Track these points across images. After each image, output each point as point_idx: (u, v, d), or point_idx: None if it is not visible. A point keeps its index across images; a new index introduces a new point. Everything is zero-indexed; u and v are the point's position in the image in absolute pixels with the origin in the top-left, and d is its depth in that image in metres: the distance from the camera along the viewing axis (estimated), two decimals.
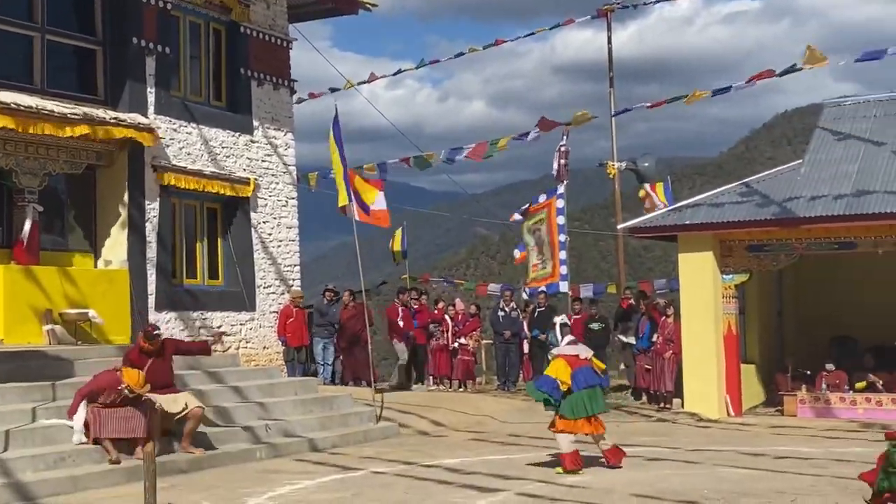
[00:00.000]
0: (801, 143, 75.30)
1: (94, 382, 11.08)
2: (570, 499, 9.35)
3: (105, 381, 11.01)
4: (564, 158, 20.71)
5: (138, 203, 15.48)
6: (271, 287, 17.92)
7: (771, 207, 16.42)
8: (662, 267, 60.69)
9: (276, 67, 18.33)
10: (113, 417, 10.80)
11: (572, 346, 11.37)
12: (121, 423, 10.81)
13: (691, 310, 16.91)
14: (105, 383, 10.98)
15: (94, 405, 10.85)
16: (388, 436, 14.42)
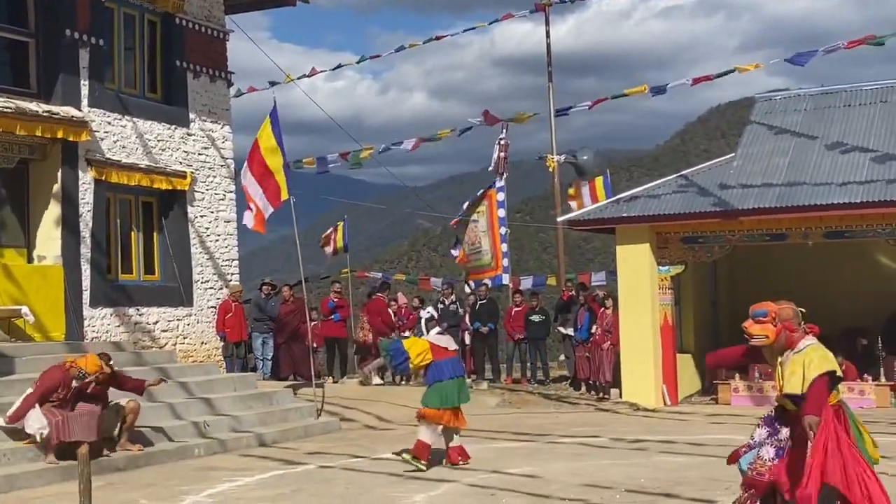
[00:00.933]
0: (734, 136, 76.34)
1: (41, 384, 10.85)
2: (512, 488, 9.43)
3: (53, 380, 10.81)
4: (504, 151, 20.86)
5: (72, 197, 15.23)
6: (209, 282, 17.77)
7: (705, 200, 16.68)
8: (602, 258, 61.24)
9: (212, 59, 18.14)
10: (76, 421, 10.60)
11: (441, 336, 11.38)
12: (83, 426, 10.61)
13: (629, 301, 17.13)
14: (53, 381, 10.78)
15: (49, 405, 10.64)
16: (329, 430, 14.40)
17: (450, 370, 10.86)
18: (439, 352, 10.91)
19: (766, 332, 6.62)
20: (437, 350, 10.91)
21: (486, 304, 20.34)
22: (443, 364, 10.85)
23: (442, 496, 9.33)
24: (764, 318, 6.65)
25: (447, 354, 10.98)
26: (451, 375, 10.83)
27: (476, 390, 18.73)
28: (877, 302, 18.09)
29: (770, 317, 6.64)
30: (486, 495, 9.27)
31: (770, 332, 6.60)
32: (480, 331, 19.97)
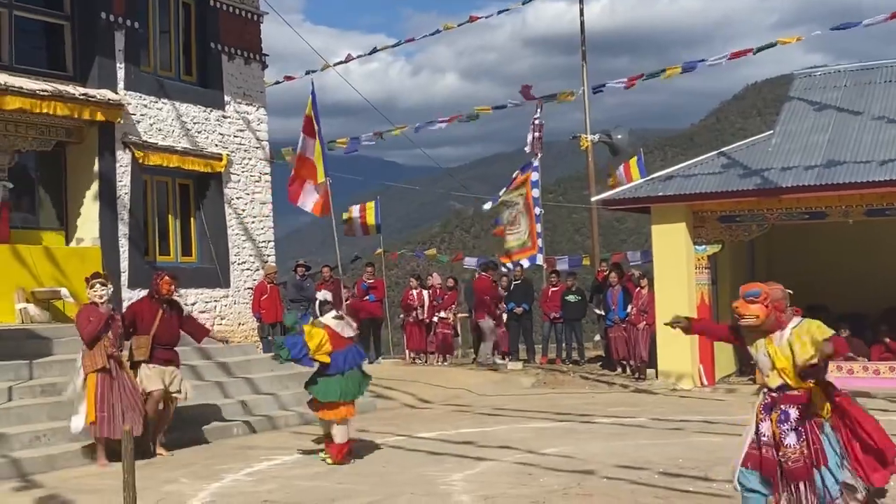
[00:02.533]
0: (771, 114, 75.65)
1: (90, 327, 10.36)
2: (551, 467, 9.43)
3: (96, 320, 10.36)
4: (538, 132, 20.75)
5: (109, 180, 15.36)
6: (245, 263, 17.87)
7: (743, 178, 16.49)
8: (636, 238, 60.96)
9: (247, 41, 18.19)
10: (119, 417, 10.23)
11: (338, 321, 10.30)
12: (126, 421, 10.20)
13: (664, 281, 17.00)
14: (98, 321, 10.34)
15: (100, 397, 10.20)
16: (364, 410, 14.40)
17: (348, 360, 10.10)
18: (337, 340, 10.09)
19: (758, 312, 6.56)
20: (336, 338, 10.08)
21: (521, 285, 20.32)
22: (340, 354, 10.06)
23: (479, 475, 9.33)
24: (756, 298, 6.59)
25: (345, 343, 10.18)
26: (350, 366, 10.11)
27: (511, 370, 18.78)
28: None
29: (762, 297, 6.57)
30: (523, 475, 9.27)
31: (761, 313, 6.55)
32: (515, 311, 19.97)
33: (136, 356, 10.90)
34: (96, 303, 10.44)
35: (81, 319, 10.44)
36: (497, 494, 8.41)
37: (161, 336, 11.01)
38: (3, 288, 13.87)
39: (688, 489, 8.37)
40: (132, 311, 11.18)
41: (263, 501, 8.43)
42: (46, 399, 11.15)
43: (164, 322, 11.04)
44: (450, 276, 22.91)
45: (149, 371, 10.89)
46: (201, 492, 8.87)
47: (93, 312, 10.38)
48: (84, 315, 10.44)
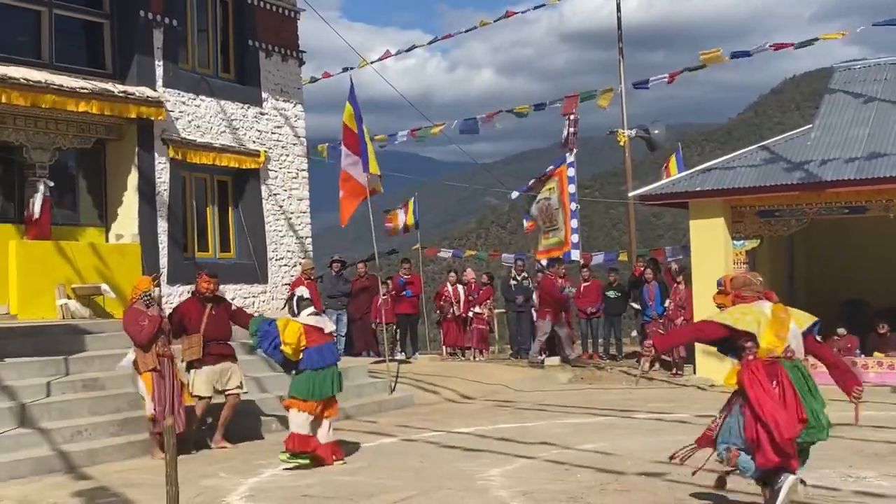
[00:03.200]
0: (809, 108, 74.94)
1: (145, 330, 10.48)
2: (588, 463, 9.40)
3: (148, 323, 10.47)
4: (574, 126, 20.64)
5: (148, 177, 15.49)
6: (283, 259, 17.96)
7: (782, 172, 16.35)
8: (673, 234, 60.64)
9: (284, 38, 18.27)
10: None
11: (315, 317, 10.13)
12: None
13: (702, 276, 16.85)
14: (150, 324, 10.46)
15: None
16: (402, 406, 14.48)
17: (322, 357, 9.85)
18: (313, 336, 9.86)
19: (724, 301, 7.11)
20: (311, 334, 9.86)
21: None
22: (314, 350, 9.81)
23: (517, 471, 9.33)
24: (721, 287, 7.21)
25: (321, 339, 9.94)
26: (324, 364, 9.84)
27: (548, 366, 18.75)
28: None
29: (725, 287, 7.15)
30: (560, 470, 9.25)
31: (726, 301, 7.11)
32: None
33: (187, 356, 10.98)
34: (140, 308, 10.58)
35: (131, 323, 10.56)
36: (535, 490, 8.40)
37: (211, 333, 11.07)
38: (44, 284, 14.03)
39: (729, 487, 8.31)
40: (179, 312, 11.22)
41: (303, 496, 8.47)
42: (87, 394, 11.26)
43: (211, 319, 11.11)
44: (485, 271, 22.91)
45: (200, 375, 10.96)
46: (240, 486, 8.93)
47: (141, 316, 10.51)
48: (132, 318, 10.56)
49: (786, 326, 6.92)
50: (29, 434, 10.06)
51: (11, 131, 14.09)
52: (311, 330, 9.86)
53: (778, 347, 6.89)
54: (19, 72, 13.74)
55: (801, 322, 7.01)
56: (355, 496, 8.36)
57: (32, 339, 12.05)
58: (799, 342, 6.96)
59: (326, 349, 9.95)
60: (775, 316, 6.96)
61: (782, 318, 6.95)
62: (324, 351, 9.90)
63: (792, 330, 6.93)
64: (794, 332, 6.94)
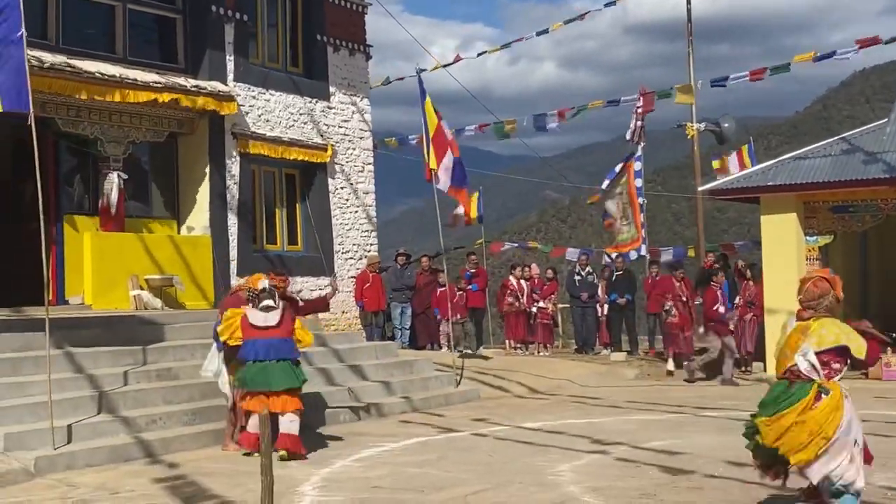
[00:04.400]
0: (879, 101, 73.47)
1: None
2: (656, 463, 9.31)
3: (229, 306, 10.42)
4: (641, 120, 20.48)
5: (219, 170, 15.69)
6: (349, 252, 18.07)
7: (857, 167, 16.07)
8: (737, 229, 59.88)
9: (351, 33, 18.37)
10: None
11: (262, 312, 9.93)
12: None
13: (774, 272, 16.65)
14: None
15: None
16: (468, 399, 14.49)
17: (256, 351, 9.75)
18: (249, 330, 9.82)
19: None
20: (247, 328, 9.82)
21: (622, 275, 20.13)
22: (249, 344, 9.79)
23: (586, 466, 9.28)
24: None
25: (259, 334, 9.80)
26: (256, 357, 9.71)
27: (613, 362, 18.63)
28: None
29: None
30: (630, 467, 9.18)
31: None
32: (618, 302, 19.78)
33: None
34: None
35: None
36: (605, 486, 8.34)
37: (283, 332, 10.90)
38: (118, 275, 14.29)
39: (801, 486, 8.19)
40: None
41: (373, 487, 8.51)
42: (161, 383, 11.43)
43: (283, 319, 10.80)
44: (549, 266, 22.81)
45: None
46: (313, 476, 8.99)
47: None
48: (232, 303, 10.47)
49: (793, 347, 6.76)
50: (105, 422, 10.22)
51: (87, 125, 14.35)
52: (246, 324, 9.83)
53: (778, 369, 6.90)
54: (94, 66, 13.99)
55: (822, 341, 6.69)
56: (426, 488, 8.37)
57: (107, 329, 12.27)
58: (812, 361, 6.66)
59: (263, 344, 9.78)
60: (794, 332, 6.85)
61: (796, 338, 6.79)
62: (258, 345, 9.78)
63: (801, 350, 6.70)
64: (804, 351, 6.69)
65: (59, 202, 14.50)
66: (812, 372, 6.67)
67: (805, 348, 6.70)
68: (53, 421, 9.43)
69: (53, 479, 8.84)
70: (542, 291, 20.52)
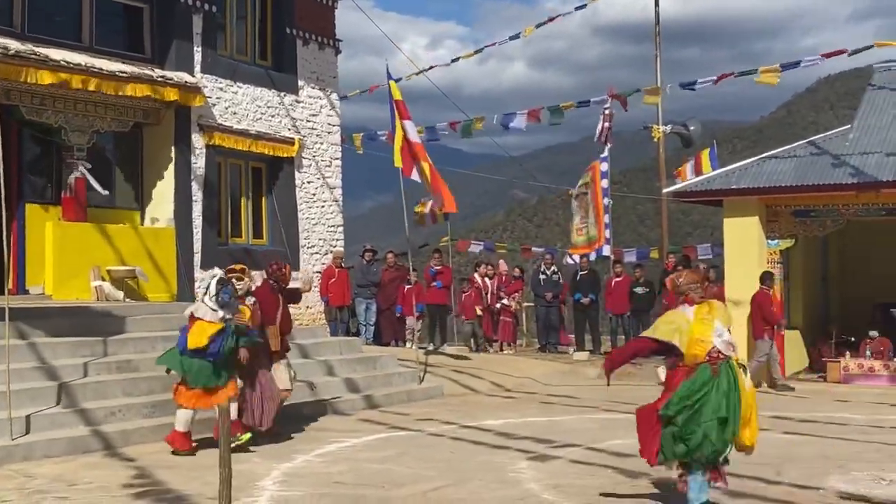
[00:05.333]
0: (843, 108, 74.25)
1: None
2: (616, 462, 9.36)
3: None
4: (608, 121, 20.58)
5: (184, 162, 15.58)
6: (315, 247, 18.02)
7: (819, 173, 16.23)
8: (701, 231, 60.36)
9: (321, 27, 18.29)
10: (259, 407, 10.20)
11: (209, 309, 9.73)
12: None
13: (735, 275, 16.79)
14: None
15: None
16: (431, 396, 14.50)
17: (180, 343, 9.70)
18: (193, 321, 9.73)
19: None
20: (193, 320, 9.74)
21: (587, 275, 20.23)
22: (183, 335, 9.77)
23: (547, 464, 9.33)
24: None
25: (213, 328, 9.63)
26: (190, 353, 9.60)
27: (576, 361, 18.71)
28: None
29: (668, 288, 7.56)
30: (591, 465, 9.24)
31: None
32: (582, 301, 19.88)
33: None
34: None
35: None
36: (566, 484, 8.39)
37: (285, 327, 10.85)
38: (79, 265, 14.15)
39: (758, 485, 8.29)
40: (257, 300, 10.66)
41: (334, 482, 8.49)
42: (121, 375, 11.32)
43: (284, 311, 10.87)
44: (517, 265, 22.88)
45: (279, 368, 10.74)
46: (273, 471, 8.97)
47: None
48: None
49: (709, 327, 6.94)
50: (64, 413, 10.13)
51: (51, 113, 14.20)
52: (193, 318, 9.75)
53: (700, 353, 6.93)
54: (59, 54, 13.86)
55: (725, 320, 7.04)
56: (387, 484, 8.37)
57: (68, 320, 12.13)
58: (728, 338, 6.98)
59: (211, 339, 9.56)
60: (698, 318, 6.99)
61: (705, 318, 6.98)
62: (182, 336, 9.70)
63: (716, 329, 6.95)
64: (720, 331, 6.96)
65: (22, 190, 14.34)
66: (729, 348, 6.97)
67: (719, 329, 6.96)
68: (11, 411, 9.35)
69: (11, 470, 8.76)
70: (507, 289, 20.58)
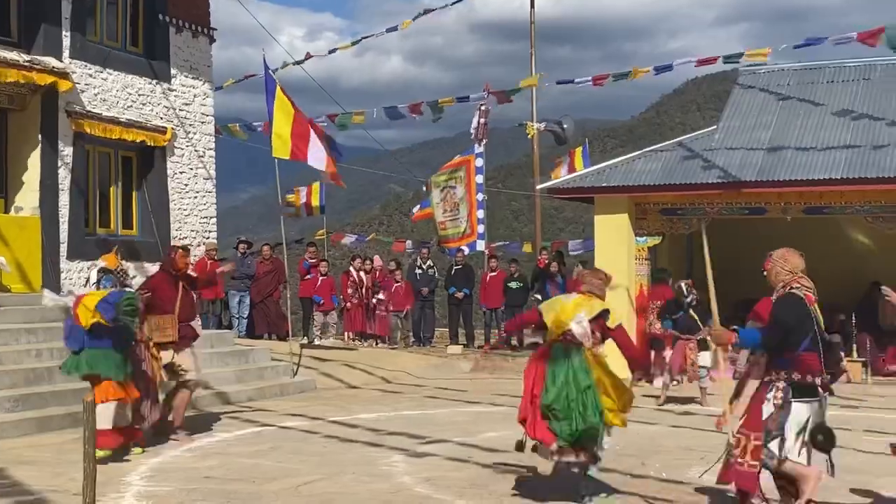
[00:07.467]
0: (710, 110, 76.52)
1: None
2: (489, 450, 9.51)
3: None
4: (484, 117, 20.81)
5: (51, 149, 15.07)
6: (187, 239, 17.65)
7: (685, 172, 16.75)
8: (573, 227, 61.42)
9: (195, 14, 17.92)
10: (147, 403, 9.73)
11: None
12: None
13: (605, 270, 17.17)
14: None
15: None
16: (305, 390, 14.46)
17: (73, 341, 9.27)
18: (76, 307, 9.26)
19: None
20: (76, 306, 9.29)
21: (461, 270, 20.42)
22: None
23: (420, 457, 9.42)
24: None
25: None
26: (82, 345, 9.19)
27: (449, 355, 18.88)
28: (853, 279, 18.28)
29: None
30: (462, 457, 9.35)
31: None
32: (456, 296, 20.05)
33: (160, 338, 10.10)
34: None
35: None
36: (437, 476, 8.48)
37: (183, 314, 10.39)
38: None
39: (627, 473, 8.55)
40: (149, 288, 10.33)
41: (204, 477, 8.40)
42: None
43: (185, 298, 10.43)
44: (392, 258, 22.94)
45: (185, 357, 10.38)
46: (141, 466, 8.82)
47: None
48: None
49: (570, 314, 7.46)
50: None
51: None
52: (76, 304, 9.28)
53: (556, 331, 7.49)
54: None
55: (592, 310, 7.49)
56: (258, 479, 8.32)
57: None
58: (585, 328, 7.44)
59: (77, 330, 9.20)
60: (574, 303, 7.56)
61: (577, 306, 7.50)
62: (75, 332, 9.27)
63: (576, 317, 7.45)
64: (579, 319, 7.45)
65: None
66: (584, 337, 7.44)
67: (580, 316, 7.45)
68: None
69: None
70: (383, 283, 20.61)
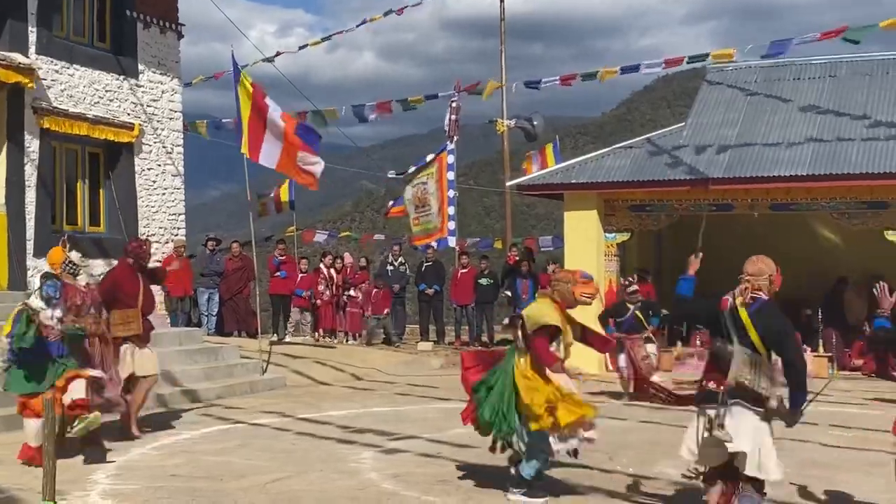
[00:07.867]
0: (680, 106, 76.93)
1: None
2: (458, 447, 9.52)
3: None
4: (455, 114, 20.84)
5: (17, 146, 14.93)
6: (155, 235, 17.55)
7: (654, 169, 16.85)
8: (545, 224, 61.59)
9: (163, 10, 17.79)
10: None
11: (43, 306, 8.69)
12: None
13: (575, 267, 17.22)
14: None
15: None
16: (274, 387, 14.41)
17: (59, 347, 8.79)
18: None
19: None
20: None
21: (432, 266, 20.42)
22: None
23: (388, 454, 9.43)
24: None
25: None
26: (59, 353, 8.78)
27: (420, 351, 18.88)
28: (820, 274, 18.46)
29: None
30: (431, 454, 9.38)
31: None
32: (426, 292, 20.06)
33: (122, 332, 9.90)
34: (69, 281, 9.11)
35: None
36: (405, 473, 8.49)
37: (147, 308, 10.24)
38: None
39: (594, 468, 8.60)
40: (112, 281, 10.11)
41: (171, 475, 8.36)
42: None
43: (147, 292, 10.28)
44: (363, 255, 22.90)
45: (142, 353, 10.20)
46: (107, 464, 8.76)
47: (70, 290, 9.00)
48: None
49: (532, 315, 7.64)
50: None
51: None
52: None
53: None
54: None
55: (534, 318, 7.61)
56: (225, 476, 8.29)
57: None
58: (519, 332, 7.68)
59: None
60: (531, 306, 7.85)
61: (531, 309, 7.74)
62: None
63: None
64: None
65: None
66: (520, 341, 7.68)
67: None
68: None
69: None
70: (353, 280, 20.58)
